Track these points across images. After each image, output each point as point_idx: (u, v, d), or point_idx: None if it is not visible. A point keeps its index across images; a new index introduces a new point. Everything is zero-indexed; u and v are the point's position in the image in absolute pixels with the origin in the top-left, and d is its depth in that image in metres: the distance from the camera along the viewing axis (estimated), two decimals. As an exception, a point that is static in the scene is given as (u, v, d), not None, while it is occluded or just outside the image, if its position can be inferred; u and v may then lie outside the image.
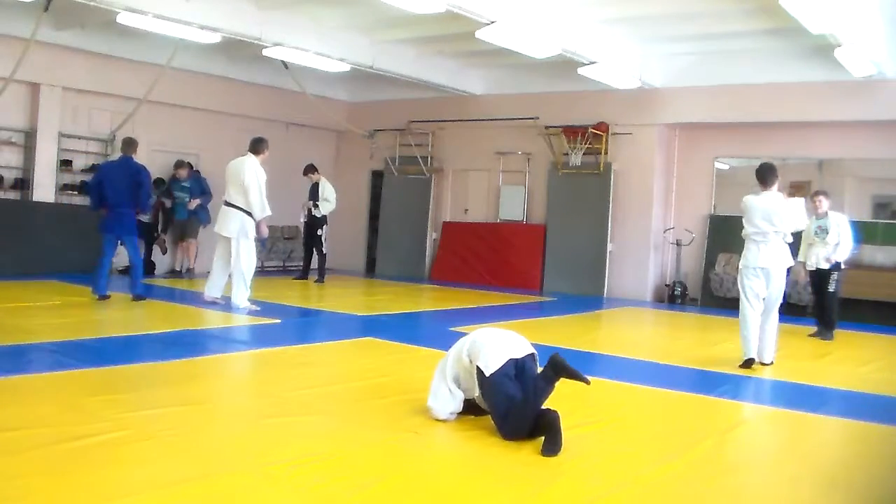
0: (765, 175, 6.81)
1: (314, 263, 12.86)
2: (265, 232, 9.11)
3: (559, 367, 4.07)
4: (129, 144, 9.30)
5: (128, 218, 9.10)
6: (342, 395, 5.09)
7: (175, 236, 12.79)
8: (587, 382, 4.07)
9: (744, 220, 6.84)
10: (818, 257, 8.79)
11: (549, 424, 3.95)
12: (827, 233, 8.70)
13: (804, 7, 7.66)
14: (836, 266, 8.77)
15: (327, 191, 12.64)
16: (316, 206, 12.55)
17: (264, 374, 5.89)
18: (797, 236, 7.70)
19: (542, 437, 3.97)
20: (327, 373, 5.97)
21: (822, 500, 3.25)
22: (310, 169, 12.80)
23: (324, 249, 12.74)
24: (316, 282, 12.49)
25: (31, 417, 4.05)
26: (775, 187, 6.80)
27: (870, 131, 11.11)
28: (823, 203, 8.82)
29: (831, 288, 8.76)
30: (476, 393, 4.30)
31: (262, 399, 5.01)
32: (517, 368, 4.18)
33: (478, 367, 4.19)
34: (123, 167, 9.12)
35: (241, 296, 8.88)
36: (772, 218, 6.66)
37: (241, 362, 6.34)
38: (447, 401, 4.39)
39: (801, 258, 9.04)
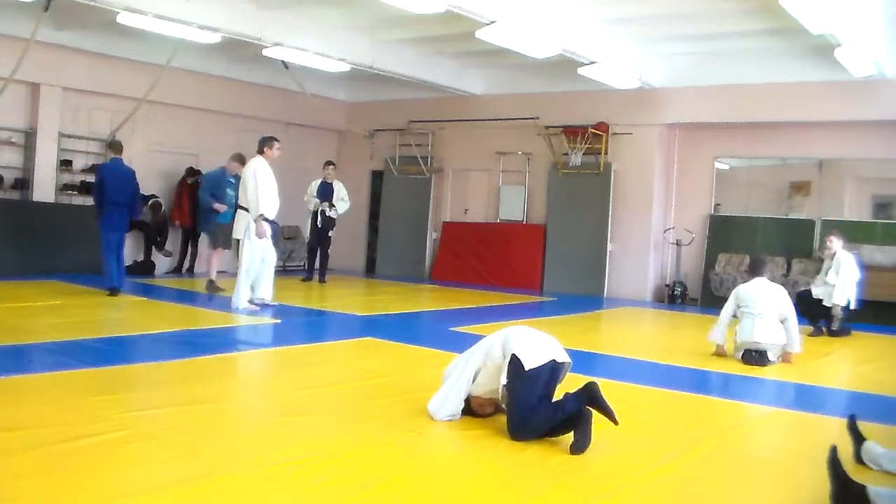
0: (756, 267, 7.23)
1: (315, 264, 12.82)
2: (261, 231, 8.83)
3: (593, 397, 4.00)
4: (119, 147, 9.65)
5: (126, 218, 9.61)
6: (342, 395, 5.09)
7: (218, 241, 10.86)
8: (615, 422, 3.98)
9: (739, 305, 7.05)
10: (828, 294, 8.97)
11: (581, 422, 3.92)
12: (835, 272, 8.93)
13: (804, 7, 7.66)
14: (846, 308, 8.94)
15: (343, 191, 12.47)
16: (332, 206, 12.37)
17: (264, 374, 5.89)
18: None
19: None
20: (327, 373, 5.97)
21: (821, 500, 3.26)
22: (331, 163, 12.55)
23: (329, 251, 12.70)
24: (320, 282, 12.45)
25: (31, 417, 4.05)
26: (765, 277, 7.10)
27: (870, 131, 11.11)
28: (834, 243, 9.07)
29: (835, 327, 8.94)
30: (494, 385, 4.25)
31: (262, 399, 5.01)
32: (552, 372, 4.13)
33: (515, 356, 4.07)
34: (122, 169, 9.47)
35: (241, 295, 8.88)
36: (763, 298, 6.90)
37: (241, 362, 6.34)
38: (450, 405, 4.35)
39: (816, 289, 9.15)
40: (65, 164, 11.79)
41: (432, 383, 4.57)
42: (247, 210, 8.96)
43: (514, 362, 4.06)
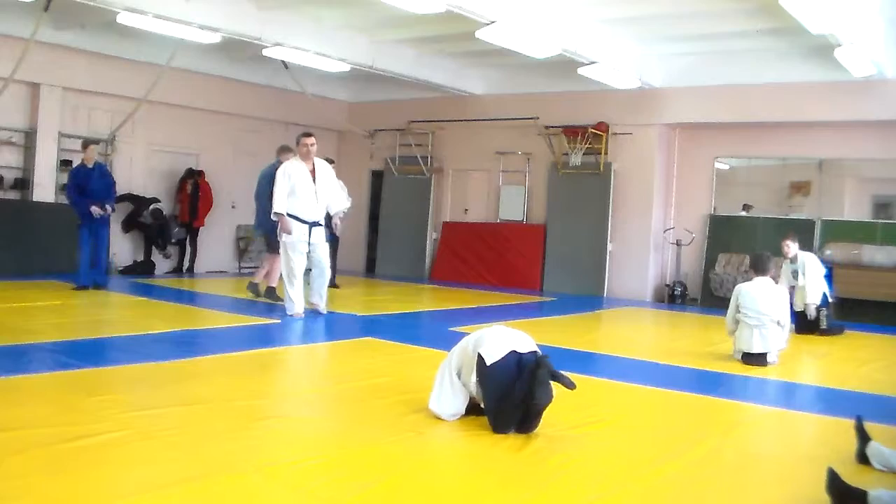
0: (759, 265, 6.99)
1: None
2: (286, 228, 8.31)
3: (543, 363, 4.15)
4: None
5: None
6: (342, 395, 5.09)
7: (274, 244, 9.43)
8: (572, 387, 4.14)
9: (739, 307, 6.88)
10: (800, 297, 8.96)
11: (537, 371, 4.07)
12: (802, 274, 8.92)
13: (804, 7, 7.66)
14: (824, 303, 8.94)
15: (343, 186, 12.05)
16: None
17: (264, 374, 5.89)
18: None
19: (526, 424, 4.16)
20: (327, 373, 5.97)
21: (821, 500, 3.26)
22: (330, 161, 12.10)
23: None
24: (331, 286, 12.15)
25: (31, 417, 4.05)
26: (768, 276, 6.95)
27: (870, 131, 11.12)
28: (791, 248, 8.99)
29: (823, 325, 8.90)
30: (472, 382, 4.31)
31: (262, 399, 5.01)
32: (519, 363, 4.20)
33: (479, 355, 4.22)
34: None
35: (293, 301, 8.49)
36: (766, 305, 6.77)
37: (241, 362, 6.33)
38: (449, 401, 4.39)
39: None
40: (65, 164, 11.77)
41: (432, 383, 4.57)
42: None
43: (479, 360, 4.22)
